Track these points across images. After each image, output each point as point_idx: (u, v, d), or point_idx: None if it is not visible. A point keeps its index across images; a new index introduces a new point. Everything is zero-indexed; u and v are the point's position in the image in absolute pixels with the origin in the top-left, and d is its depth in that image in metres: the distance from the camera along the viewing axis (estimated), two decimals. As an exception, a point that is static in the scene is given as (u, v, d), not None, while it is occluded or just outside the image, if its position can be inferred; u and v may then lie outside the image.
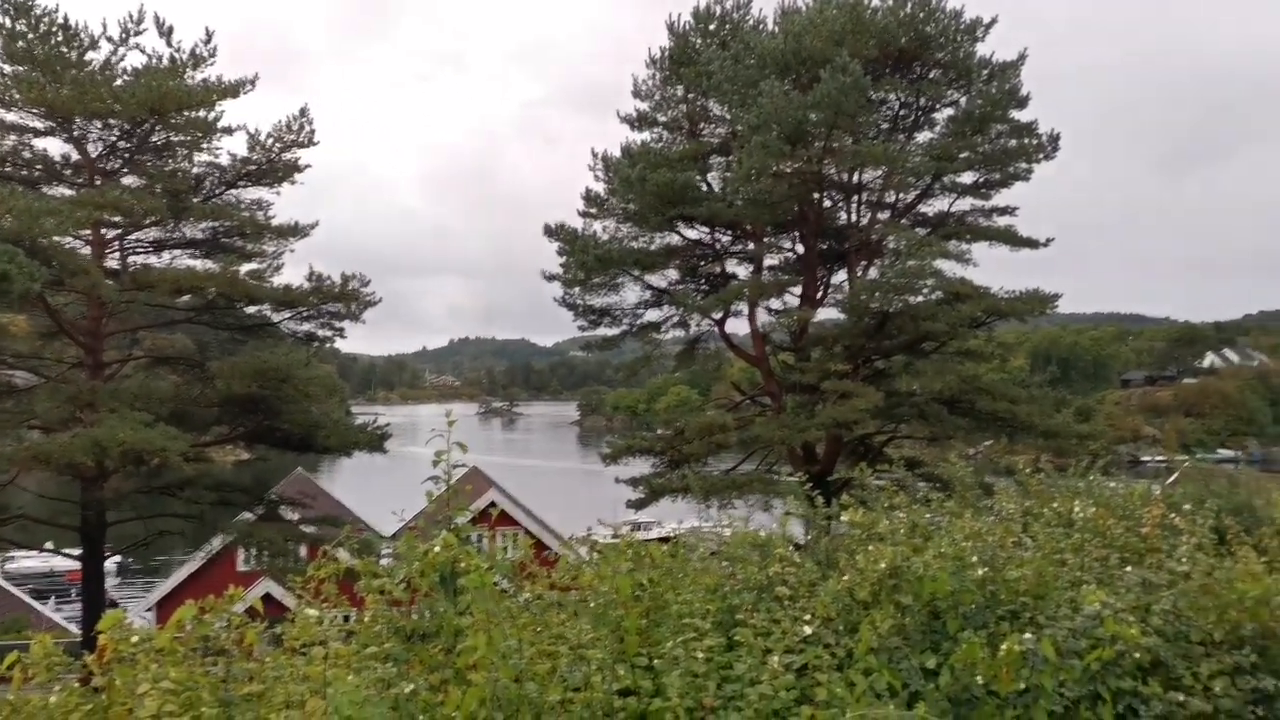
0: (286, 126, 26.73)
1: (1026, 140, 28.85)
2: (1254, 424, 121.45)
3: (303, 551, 27.49)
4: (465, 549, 4.09)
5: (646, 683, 4.22)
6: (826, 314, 31.37)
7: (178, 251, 27.95)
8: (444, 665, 3.99)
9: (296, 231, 28.12)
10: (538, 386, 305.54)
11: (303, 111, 26.93)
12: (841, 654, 4.39)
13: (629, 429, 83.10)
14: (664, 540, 6.43)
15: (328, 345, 30.17)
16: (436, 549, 3.96)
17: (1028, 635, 4.37)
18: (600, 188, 31.03)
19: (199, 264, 27.61)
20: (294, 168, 27.24)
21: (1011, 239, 29.68)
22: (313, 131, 26.91)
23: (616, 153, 30.57)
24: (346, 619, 4.58)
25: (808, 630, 4.38)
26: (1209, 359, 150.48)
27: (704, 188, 30.23)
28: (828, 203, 31.23)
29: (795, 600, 4.92)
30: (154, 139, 26.28)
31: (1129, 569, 5.58)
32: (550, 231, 30.60)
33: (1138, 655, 4.75)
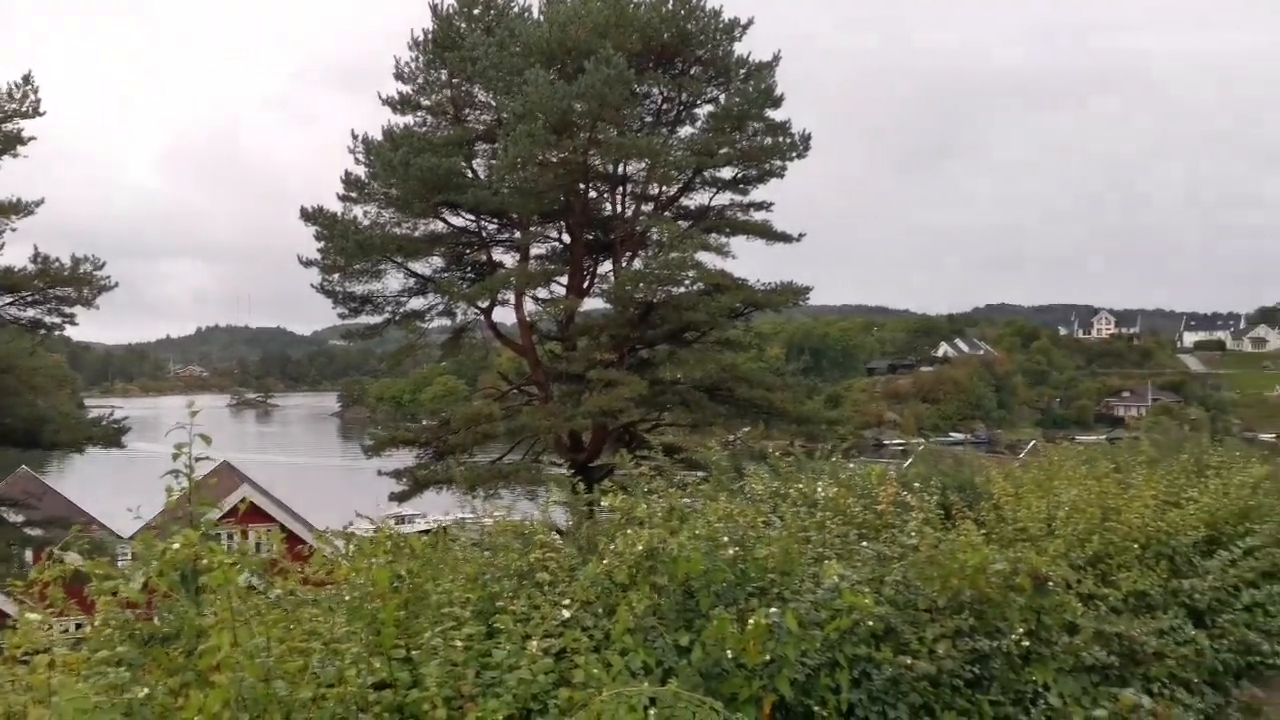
0: (8, 94, 24.54)
1: (781, 139, 30.18)
2: (980, 408, 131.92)
3: (29, 556, 25.37)
4: (207, 545, 3.89)
5: (404, 674, 4.16)
6: (593, 304, 31.86)
7: (-122, 229, 25.15)
8: (185, 668, 3.79)
9: (19, 209, 25.83)
10: (295, 377, 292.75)
11: (26, 79, 24.82)
12: (599, 636, 4.47)
13: (393, 420, 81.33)
14: (427, 532, 6.35)
15: (56, 333, 27.95)
16: (175, 546, 3.75)
17: (773, 609, 4.59)
18: (361, 171, 30.22)
19: (-96, 243, 24.96)
20: (16, 139, 25.06)
21: (767, 233, 30.99)
22: (38, 101, 24.85)
23: (378, 135, 29.81)
24: (79, 626, 4.28)
25: (565, 614, 4.43)
26: (943, 349, 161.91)
27: (469, 175, 29.94)
28: (593, 193, 31.63)
29: (555, 585, 4.97)
30: None
31: (864, 544, 5.96)
32: (307, 215, 29.50)
33: (871, 624, 5.09)
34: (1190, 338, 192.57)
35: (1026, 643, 5.81)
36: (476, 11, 30.08)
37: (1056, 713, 5.80)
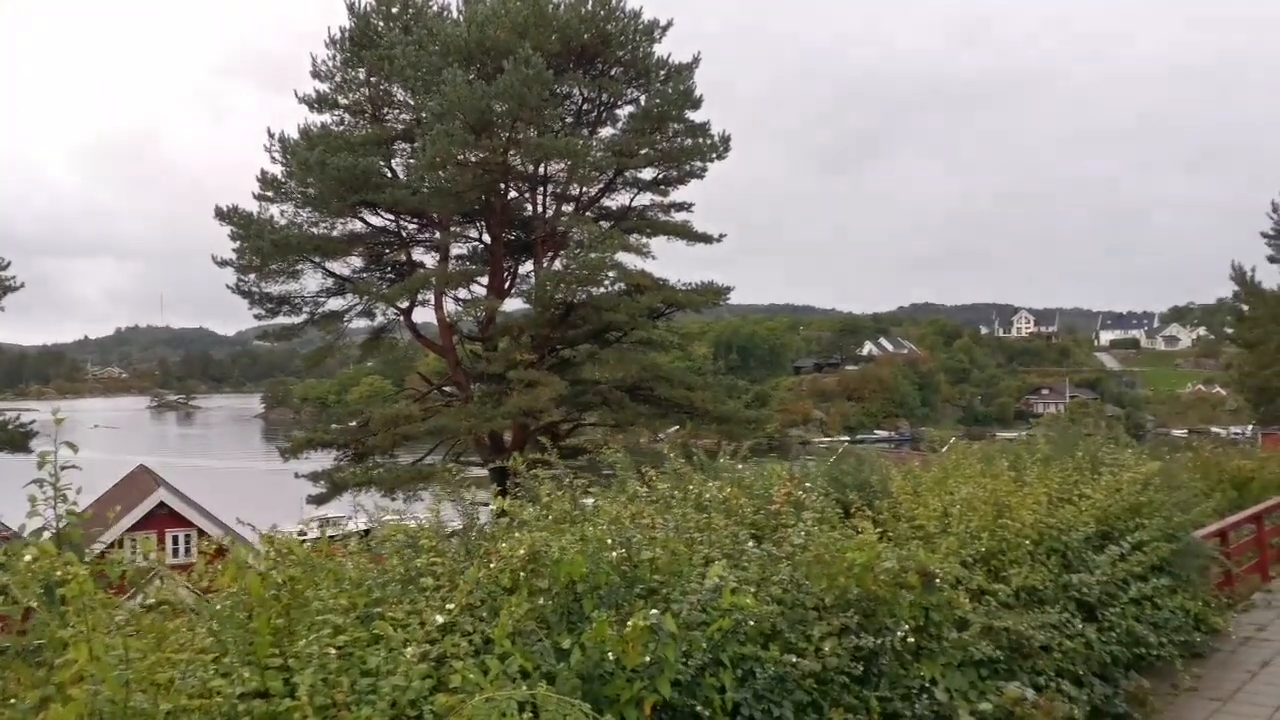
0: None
1: (700, 140, 30.34)
2: (905, 406, 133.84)
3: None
4: (66, 555, 3.80)
5: (277, 683, 4.10)
6: (513, 304, 31.74)
7: None
8: (46, 681, 3.70)
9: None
10: (218, 378, 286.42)
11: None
12: (479, 640, 4.45)
13: (318, 421, 80.00)
14: (364, 534, 6.31)
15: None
16: (27, 558, 3.66)
17: (653, 611, 4.61)
18: (278, 170, 29.77)
19: None
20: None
21: (688, 234, 31.14)
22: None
23: (294, 134, 29.36)
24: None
25: (440, 620, 4.41)
26: (868, 347, 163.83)
27: (388, 174, 29.64)
28: (514, 194, 31.51)
29: (439, 590, 4.94)
30: None
31: (750, 544, 6.01)
32: (222, 214, 28.95)
33: (754, 623, 5.14)
34: (1106, 336, 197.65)
35: (913, 639, 5.92)
36: (395, 10, 29.79)
37: (943, 706, 5.92)
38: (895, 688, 5.82)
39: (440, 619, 4.43)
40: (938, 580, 6.26)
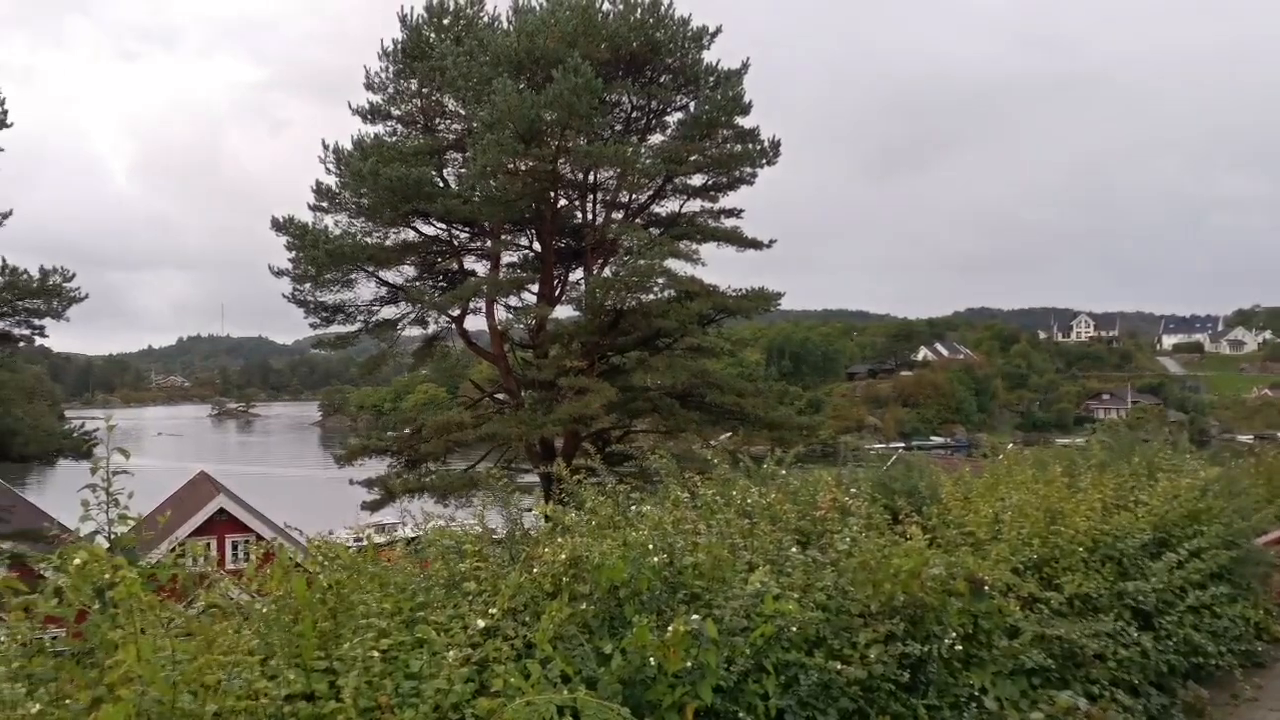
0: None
1: (750, 145, 30.23)
2: (961, 411, 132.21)
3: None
4: (116, 559, 3.88)
5: (323, 685, 4.16)
6: (564, 311, 31.84)
7: None
8: (97, 682, 3.78)
9: (-13, 220, 25.59)
10: (277, 386, 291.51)
11: (-8, 89, 24.55)
12: (521, 645, 4.48)
13: (372, 428, 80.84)
14: (410, 541, 6.38)
15: (24, 344, 27.66)
16: (76, 561, 3.75)
17: (694, 616, 4.60)
18: (331, 180, 30.19)
19: None
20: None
21: (738, 240, 31.06)
22: (5, 111, 24.62)
23: (348, 144, 29.75)
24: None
25: (480, 624, 4.44)
26: (922, 352, 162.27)
27: (440, 184, 29.91)
28: (564, 201, 31.64)
29: (482, 594, 4.98)
30: None
31: (793, 550, 5.97)
32: (278, 225, 29.40)
33: (796, 630, 5.11)
34: (1169, 340, 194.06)
35: (960, 646, 5.84)
36: (445, 21, 30.08)
37: (992, 715, 5.84)
38: (944, 696, 5.75)
39: (482, 623, 4.46)
40: (987, 587, 6.18)
